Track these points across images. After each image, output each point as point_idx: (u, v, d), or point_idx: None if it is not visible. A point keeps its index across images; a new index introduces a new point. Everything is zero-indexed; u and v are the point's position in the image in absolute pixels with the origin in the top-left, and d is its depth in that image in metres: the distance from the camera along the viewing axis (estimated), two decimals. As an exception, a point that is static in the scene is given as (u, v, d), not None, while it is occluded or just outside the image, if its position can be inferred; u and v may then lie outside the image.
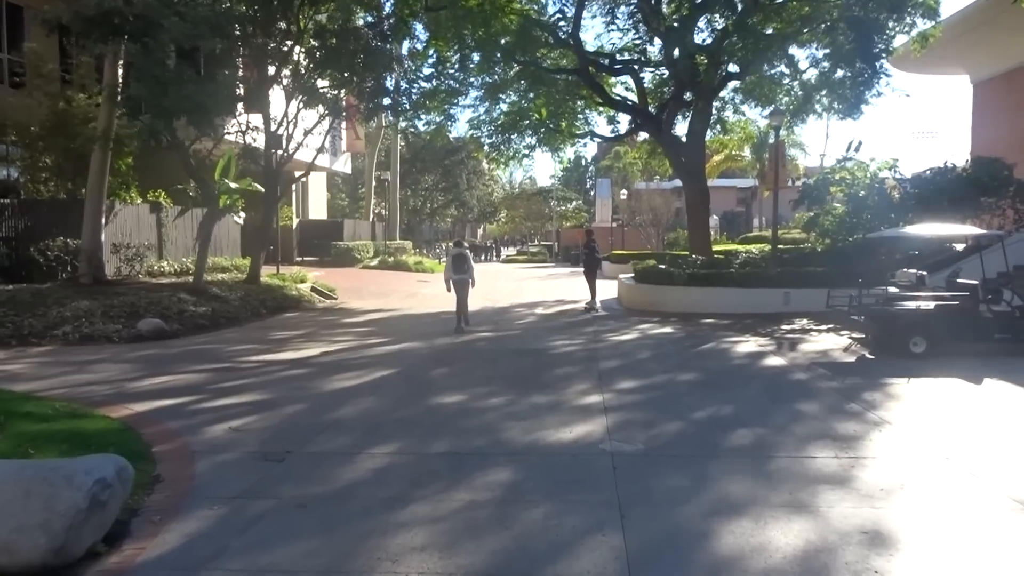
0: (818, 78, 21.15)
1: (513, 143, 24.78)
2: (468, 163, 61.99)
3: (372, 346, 11.67)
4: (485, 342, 12.27)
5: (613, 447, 5.91)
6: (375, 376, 9.10)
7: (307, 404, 7.57)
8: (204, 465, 5.56)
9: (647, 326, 14.11)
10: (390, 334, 13.10)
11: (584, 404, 7.49)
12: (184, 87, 13.15)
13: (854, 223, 17.93)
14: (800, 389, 8.23)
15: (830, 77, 20.69)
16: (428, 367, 9.80)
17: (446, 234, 79.75)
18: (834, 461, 5.52)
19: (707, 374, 9.08)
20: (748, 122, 28.92)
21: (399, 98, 19.35)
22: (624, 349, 11.28)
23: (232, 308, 15.66)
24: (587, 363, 9.90)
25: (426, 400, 7.70)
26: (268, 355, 10.75)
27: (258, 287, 18.28)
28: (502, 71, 22.53)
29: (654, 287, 17.42)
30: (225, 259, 21.42)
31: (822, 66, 21.02)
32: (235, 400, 7.74)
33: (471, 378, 8.99)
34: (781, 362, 9.92)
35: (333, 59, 17.55)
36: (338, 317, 16.44)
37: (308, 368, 9.71)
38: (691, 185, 20.42)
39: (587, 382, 8.59)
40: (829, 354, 10.58)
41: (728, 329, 13.49)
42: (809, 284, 16.23)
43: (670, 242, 42.34)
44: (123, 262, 16.80)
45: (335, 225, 34.22)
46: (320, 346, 11.56)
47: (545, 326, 14.51)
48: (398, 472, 5.38)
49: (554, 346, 11.63)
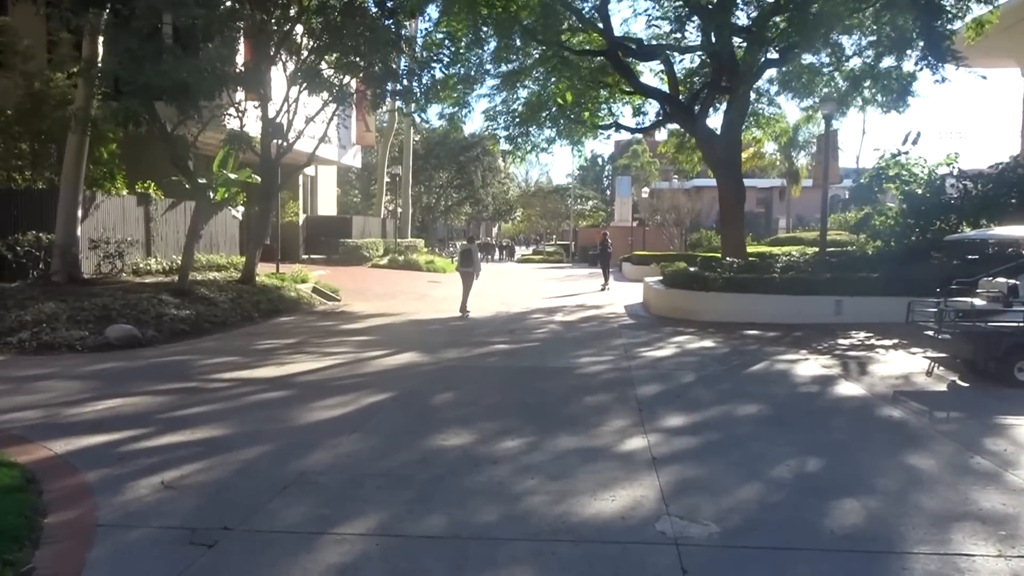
0: (862, 67, 19.38)
1: (531, 136, 23.13)
2: (483, 160, 60.42)
3: (368, 360, 10.05)
4: (499, 356, 10.63)
5: (675, 528, 4.25)
6: (365, 403, 7.48)
7: (272, 445, 5.96)
8: (102, 551, 3.95)
9: (683, 338, 12.41)
10: (391, 344, 11.50)
11: (626, 451, 5.82)
12: (162, 62, 11.61)
13: (910, 224, 16.15)
14: (898, 432, 6.51)
15: (875, 66, 18.95)
16: (430, 390, 8.17)
17: (460, 232, 78.30)
18: (1001, 563, 3.83)
19: (772, 406, 7.39)
20: (782, 116, 27.20)
21: (409, 83, 17.72)
22: (662, 368, 9.59)
23: (220, 311, 14.13)
24: (621, 388, 8.23)
25: (423, 441, 6.07)
26: (245, 371, 9.17)
27: (253, 288, 16.74)
28: (521, 56, 20.89)
29: (686, 292, 15.70)
30: (221, 257, 19.92)
31: (866, 55, 19.29)
32: (185, 437, 6.14)
33: (481, 407, 7.35)
34: (857, 390, 8.19)
35: (335, 37, 15.98)
36: (337, 322, 14.87)
37: (287, 390, 8.11)
38: (726, 180, 18.66)
39: (625, 416, 6.92)
40: (911, 380, 8.83)
41: (777, 343, 11.77)
42: (863, 291, 14.51)
43: (693, 243, 40.48)
44: (103, 259, 15.28)
45: (343, 222, 32.70)
46: (308, 360, 9.97)
47: (567, 337, 12.85)
48: (373, 572, 3.76)
49: (579, 364, 9.96)
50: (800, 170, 43.06)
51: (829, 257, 15.98)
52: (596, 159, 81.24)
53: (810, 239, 28.23)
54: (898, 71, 19.03)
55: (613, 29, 18.71)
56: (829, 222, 37.44)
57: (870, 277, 14.71)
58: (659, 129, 22.45)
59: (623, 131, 23.82)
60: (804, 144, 41.19)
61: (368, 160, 52.83)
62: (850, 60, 19.86)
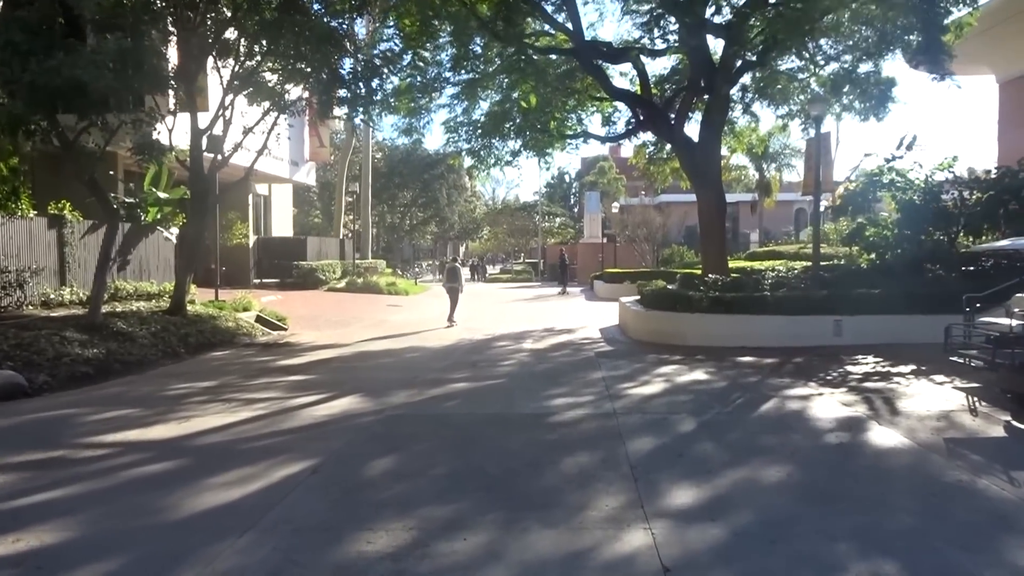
0: (839, 72, 18.20)
1: (495, 148, 21.53)
2: (448, 177, 58.93)
3: (295, 410, 8.23)
4: (457, 400, 8.88)
5: None
6: (275, 478, 5.69)
7: (121, 560, 4.17)
8: None
9: (670, 369, 10.79)
10: (330, 385, 9.70)
11: (623, 555, 4.13)
12: (54, 57, 9.77)
13: (907, 235, 14.82)
14: (980, 507, 4.89)
15: (854, 70, 17.78)
16: (364, 454, 6.39)
17: (427, 252, 76.41)
18: None
19: (802, 467, 5.76)
20: (753, 129, 26.10)
21: (359, 89, 16.00)
22: (653, 412, 7.93)
23: (137, 349, 12.25)
24: (607, 443, 6.55)
25: (340, 545, 4.31)
26: (135, 431, 7.31)
27: (182, 319, 14.84)
28: (483, 64, 19.35)
29: (669, 314, 14.16)
30: (151, 284, 17.90)
31: (844, 59, 18.12)
32: (2, 549, 4.32)
33: (427, 481, 5.60)
34: (897, 438, 6.61)
35: (273, 38, 14.27)
36: (275, 357, 13.00)
37: (178, 459, 6.29)
38: (705, 191, 17.22)
39: (616, 490, 5.23)
40: (955, 421, 7.28)
41: (779, 373, 10.22)
42: (863, 310, 13.12)
43: (665, 258, 39.19)
44: (1, 289, 13.24)
45: (298, 243, 30.73)
46: (221, 411, 8.13)
47: (538, 370, 11.15)
48: None
49: (553, 407, 8.26)
50: (771, 182, 42.11)
51: (823, 272, 14.55)
52: (563, 176, 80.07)
53: (791, 252, 26.99)
54: (876, 76, 17.97)
55: (583, 30, 17.25)
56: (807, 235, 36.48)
57: (870, 294, 13.30)
58: (632, 138, 20.97)
59: (593, 140, 22.35)
60: (775, 155, 40.26)
61: (328, 178, 50.86)
62: (827, 65, 18.72)
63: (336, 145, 42.58)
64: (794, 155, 41.28)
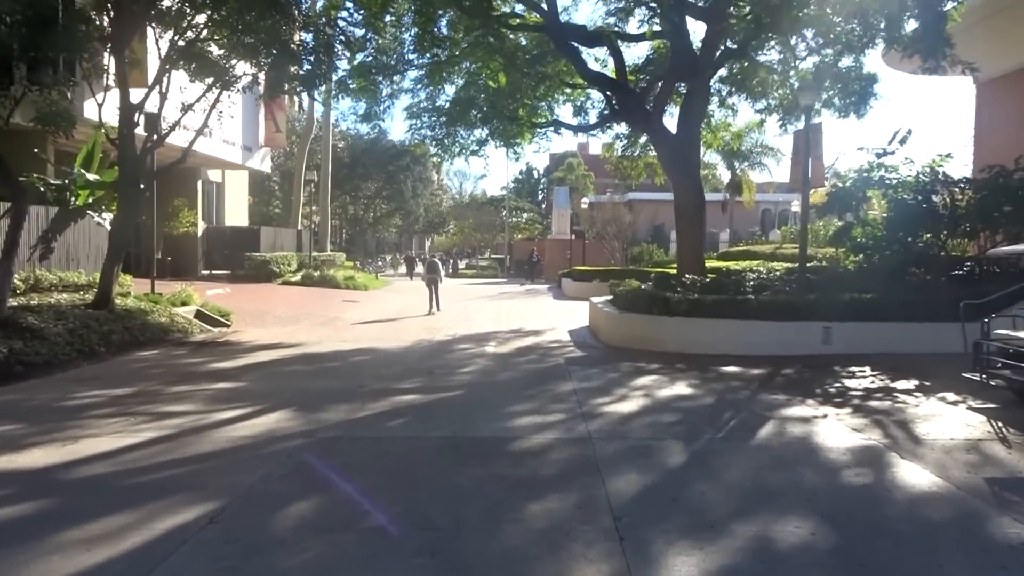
0: (820, 65, 17.31)
1: (460, 137, 20.29)
2: (414, 170, 57.45)
3: (210, 429, 6.90)
4: (405, 418, 7.60)
5: None
6: (155, 532, 4.38)
7: None
8: None
9: (649, 380, 9.66)
10: (260, 397, 8.37)
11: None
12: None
13: (899, 236, 13.92)
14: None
15: (836, 63, 16.94)
16: (283, 496, 5.10)
17: (392, 246, 74.66)
18: None
19: (823, 518, 4.62)
20: (728, 125, 25.31)
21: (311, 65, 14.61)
22: (634, 437, 6.77)
23: (47, 348, 10.78)
24: (582, 482, 5.36)
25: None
26: (3, 456, 5.93)
27: (108, 314, 13.33)
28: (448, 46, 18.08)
29: (645, 318, 13.03)
30: (79, 275, 16.27)
31: (824, 52, 17.23)
32: None
33: (355, 539, 4.35)
34: (928, 477, 5.53)
35: (216, 5, 12.85)
36: (208, 359, 11.60)
37: (39, 500, 4.95)
38: (683, 184, 16.17)
39: (598, 558, 4.04)
40: (985, 451, 6.24)
41: (770, 387, 9.16)
42: (853, 316, 12.17)
43: (635, 256, 38.25)
44: None
45: (251, 233, 29.07)
46: (118, 429, 6.77)
47: (501, 379, 9.94)
48: None
49: (517, 429, 7.05)
50: (742, 180, 41.39)
51: (809, 274, 13.58)
52: (531, 171, 78.95)
53: (767, 253, 26.15)
54: (858, 71, 17.17)
55: (557, 12, 16.04)
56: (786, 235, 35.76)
57: (861, 299, 12.34)
58: (605, 128, 19.88)
59: (564, 131, 21.22)
60: (747, 154, 39.55)
61: (290, 167, 48.95)
62: (809, 57, 17.86)
63: (296, 132, 40.87)
64: (764, 153, 40.67)
